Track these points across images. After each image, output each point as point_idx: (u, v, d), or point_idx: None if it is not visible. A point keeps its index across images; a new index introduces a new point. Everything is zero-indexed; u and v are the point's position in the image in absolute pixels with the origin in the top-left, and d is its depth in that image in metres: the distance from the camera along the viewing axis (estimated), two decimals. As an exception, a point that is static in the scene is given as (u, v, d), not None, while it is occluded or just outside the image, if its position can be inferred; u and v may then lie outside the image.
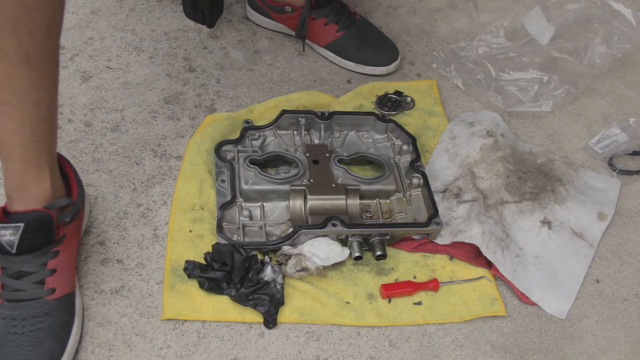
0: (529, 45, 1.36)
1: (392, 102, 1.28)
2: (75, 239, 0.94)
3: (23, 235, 0.82)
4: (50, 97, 0.83)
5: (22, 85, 0.78)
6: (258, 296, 0.94)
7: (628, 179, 1.23)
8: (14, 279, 0.84)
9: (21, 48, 0.75)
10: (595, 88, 1.41)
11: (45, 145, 0.85)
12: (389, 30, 1.47)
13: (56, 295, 0.86)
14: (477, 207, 1.08)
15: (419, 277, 1.03)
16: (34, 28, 0.74)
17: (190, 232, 1.02)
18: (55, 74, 0.83)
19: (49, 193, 0.87)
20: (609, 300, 1.06)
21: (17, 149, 0.83)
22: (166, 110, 1.22)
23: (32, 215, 0.83)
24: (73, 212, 0.90)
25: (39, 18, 0.74)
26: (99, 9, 1.41)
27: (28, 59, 0.76)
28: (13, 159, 0.84)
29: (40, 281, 0.85)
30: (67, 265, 0.89)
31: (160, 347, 0.91)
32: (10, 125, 0.80)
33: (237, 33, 1.41)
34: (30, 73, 0.77)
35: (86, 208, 1.02)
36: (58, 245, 0.87)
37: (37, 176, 0.86)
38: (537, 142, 1.28)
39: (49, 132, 0.85)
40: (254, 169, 1.07)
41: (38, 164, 0.85)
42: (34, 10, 0.73)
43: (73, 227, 0.91)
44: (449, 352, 0.96)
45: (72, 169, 0.96)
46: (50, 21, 0.76)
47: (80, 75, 1.26)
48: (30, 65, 0.77)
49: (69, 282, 0.89)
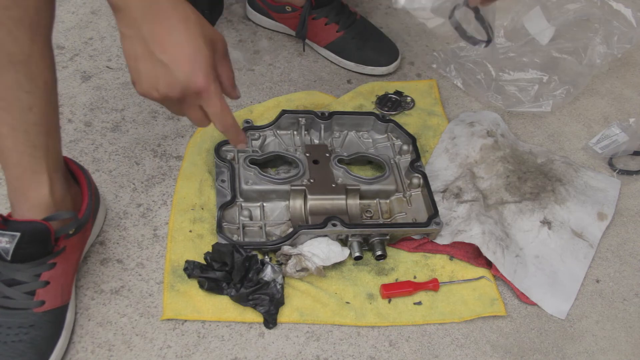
0: (529, 45, 1.36)
1: (392, 102, 1.28)
2: (77, 252, 0.92)
3: (18, 245, 0.81)
4: (44, 101, 0.79)
5: (9, 88, 0.75)
6: (258, 296, 0.94)
7: (628, 179, 1.23)
8: (5, 286, 0.84)
9: (3, 49, 0.72)
10: (595, 88, 1.41)
11: (42, 150, 0.82)
12: (389, 30, 1.47)
13: (45, 308, 0.85)
14: (477, 207, 1.08)
15: (419, 277, 1.03)
16: (15, 29, 0.71)
17: (190, 232, 1.02)
18: (48, 77, 0.79)
19: (48, 201, 0.85)
20: (609, 300, 1.06)
21: (11, 154, 0.81)
22: (166, 110, 1.22)
23: (29, 226, 0.82)
24: (75, 225, 0.88)
25: (19, 19, 0.71)
26: (99, 9, 1.41)
27: (12, 60, 0.73)
28: (9, 165, 0.82)
29: (31, 292, 0.84)
30: (63, 278, 0.87)
31: (160, 347, 0.91)
32: (2, 129, 0.78)
33: (237, 33, 1.41)
34: (17, 76, 0.74)
35: (99, 217, 1.00)
36: (55, 258, 0.85)
37: (34, 182, 0.83)
38: (537, 142, 1.28)
39: (46, 137, 0.82)
40: (254, 169, 1.07)
41: (34, 169, 0.82)
42: (12, 10, 0.70)
43: (76, 240, 0.90)
44: (449, 352, 0.96)
45: (87, 180, 0.94)
46: (35, 22, 0.73)
47: (80, 75, 1.26)
48: (16, 67, 0.74)
49: (61, 296, 0.87)
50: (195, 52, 0.73)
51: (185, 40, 0.72)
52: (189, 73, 0.73)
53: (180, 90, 0.74)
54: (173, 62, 0.72)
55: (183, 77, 0.73)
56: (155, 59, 0.72)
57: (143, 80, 0.74)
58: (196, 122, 0.81)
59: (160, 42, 0.71)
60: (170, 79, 0.73)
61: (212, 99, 0.76)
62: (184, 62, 0.72)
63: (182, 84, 0.73)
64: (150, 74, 0.73)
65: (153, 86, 0.74)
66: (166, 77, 0.73)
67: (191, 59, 0.73)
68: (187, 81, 0.73)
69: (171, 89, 0.74)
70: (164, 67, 0.72)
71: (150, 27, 0.71)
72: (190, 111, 0.79)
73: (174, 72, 0.72)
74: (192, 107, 0.78)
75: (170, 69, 0.72)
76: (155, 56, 0.72)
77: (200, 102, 0.77)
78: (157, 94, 0.75)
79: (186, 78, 0.73)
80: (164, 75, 0.73)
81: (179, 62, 0.72)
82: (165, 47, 0.72)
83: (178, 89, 0.74)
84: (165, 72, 0.72)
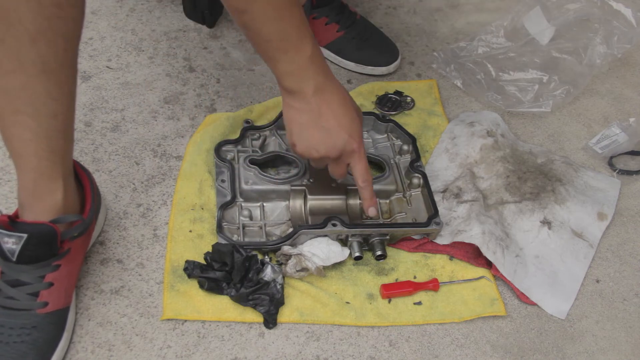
0: (529, 45, 1.36)
1: (392, 102, 1.28)
2: (81, 254, 0.92)
3: (25, 246, 0.81)
4: (67, 108, 0.81)
5: (38, 96, 0.76)
6: (258, 296, 0.94)
7: (628, 179, 1.23)
8: (10, 286, 0.84)
9: (40, 59, 0.73)
10: (595, 88, 1.41)
11: (60, 156, 0.83)
12: (389, 30, 1.47)
13: (48, 309, 0.85)
14: (477, 207, 1.08)
15: (419, 277, 1.03)
16: (54, 39, 0.73)
17: (190, 232, 1.02)
18: (73, 85, 0.81)
19: (60, 205, 0.86)
20: (609, 300, 1.06)
21: (30, 159, 0.81)
22: (166, 110, 1.22)
23: (37, 228, 0.82)
24: (81, 228, 0.88)
25: (59, 29, 0.73)
26: (99, 9, 1.41)
27: (46, 69, 0.74)
28: (27, 169, 0.83)
29: (35, 293, 0.84)
30: (66, 280, 0.88)
31: (160, 347, 0.91)
32: (25, 135, 0.79)
33: (237, 33, 1.41)
34: (48, 84, 0.76)
35: (100, 218, 1.00)
36: (60, 260, 0.86)
37: (50, 187, 0.84)
38: (537, 142, 1.28)
39: (65, 143, 0.83)
40: (254, 169, 1.07)
41: (52, 175, 0.84)
42: (54, 21, 0.72)
43: (80, 242, 0.90)
44: (449, 352, 0.96)
45: (90, 182, 0.95)
46: (70, 32, 0.75)
47: (80, 75, 1.26)
48: (48, 76, 0.75)
49: (64, 297, 0.88)
50: (351, 122, 0.93)
51: (343, 114, 0.92)
52: (347, 138, 0.92)
53: (338, 152, 0.93)
54: (334, 130, 0.91)
55: (342, 142, 0.92)
56: (320, 126, 0.91)
57: (305, 143, 0.93)
58: (337, 176, 0.99)
59: (325, 115, 0.90)
60: (332, 143, 0.92)
61: (362, 159, 0.95)
62: (343, 130, 0.91)
63: (341, 147, 0.92)
64: (313, 138, 0.92)
65: (314, 148, 0.93)
66: (328, 141, 0.92)
67: (348, 128, 0.92)
68: (345, 145, 0.92)
69: (331, 151, 0.93)
70: (327, 133, 0.91)
71: (318, 103, 0.90)
72: (337, 167, 0.97)
73: (336, 138, 0.92)
74: (340, 164, 0.96)
75: (332, 135, 0.91)
76: (320, 124, 0.91)
77: (351, 160, 0.95)
78: (316, 154, 0.93)
79: (344, 142, 0.92)
80: (325, 139, 0.92)
81: (340, 130, 0.91)
82: (329, 119, 0.91)
83: (337, 151, 0.93)
84: (328, 137, 0.92)
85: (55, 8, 0.71)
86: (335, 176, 0.99)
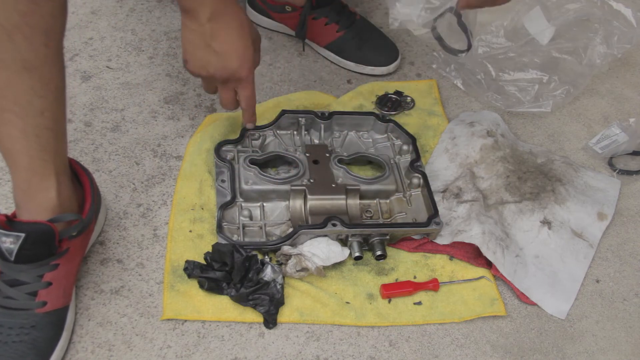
0: (529, 45, 1.36)
1: (392, 102, 1.28)
2: (80, 253, 0.92)
3: (22, 246, 0.81)
4: (55, 105, 0.81)
5: (23, 93, 0.76)
6: (258, 296, 0.94)
7: (628, 179, 1.23)
8: (8, 286, 0.84)
9: (19, 55, 0.73)
10: (595, 88, 1.41)
11: (51, 154, 0.83)
12: (389, 30, 1.47)
13: (47, 308, 0.85)
14: (477, 207, 1.08)
15: (419, 277, 1.03)
16: (31, 35, 0.73)
17: (190, 232, 1.02)
18: (59, 82, 0.81)
19: (55, 203, 0.85)
20: (609, 300, 1.06)
21: (21, 157, 0.81)
22: (166, 110, 1.22)
23: (34, 227, 0.82)
24: (80, 227, 0.88)
25: (36, 24, 0.72)
26: (99, 9, 1.41)
27: (27, 66, 0.74)
28: (19, 168, 0.83)
29: (33, 292, 0.84)
30: (65, 279, 0.88)
31: (160, 347, 0.91)
32: (14, 133, 0.79)
33: (237, 33, 1.41)
34: (31, 81, 0.76)
35: (100, 218, 1.00)
36: (59, 259, 0.86)
37: (43, 185, 0.84)
38: (537, 142, 1.28)
39: (56, 140, 0.83)
40: (254, 169, 1.07)
41: (44, 172, 0.83)
42: (30, 16, 0.71)
43: (79, 241, 0.90)
44: (449, 352, 0.96)
45: (90, 181, 0.94)
46: (50, 27, 0.75)
47: (80, 75, 1.26)
48: (31, 73, 0.75)
49: (63, 297, 0.88)
50: (244, 50, 0.96)
51: (237, 40, 0.95)
52: (238, 65, 0.96)
53: (227, 75, 0.97)
54: (227, 54, 0.94)
55: (232, 67, 0.96)
56: (212, 49, 0.94)
57: (196, 62, 0.96)
58: (225, 102, 1.03)
59: (219, 39, 0.93)
60: (222, 66, 0.95)
61: (248, 86, 1.00)
62: (236, 56, 0.95)
63: (231, 71, 0.96)
64: (204, 58, 0.95)
65: (204, 67, 0.96)
66: (218, 63, 0.95)
67: (240, 55, 0.96)
68: (235, 71, 0.96)
69: (220, 73, 0.96)
70: (217, 56, 0.94)
71: (213, 26, 0.92)
72: (225, 91, 1.01)
73: (226, 62, 0.95)
74: (228, 89, 1.01)
75: (223, 59, 0.95)
76: (212, 47, 0.93)
77: (238, 86, 1.00)
78: (205, 73, 0.97)
79: (235, 68, 0.96)
80: (216, 61, 0.95)
81: (232, 55, 0.95)
82: (222, 43, 0.93)
83: (226, 74, 0.97)
84: (218, 59, 0.95)
85: (32, 4, 0.71)
86: (223, 105, 1.04)
